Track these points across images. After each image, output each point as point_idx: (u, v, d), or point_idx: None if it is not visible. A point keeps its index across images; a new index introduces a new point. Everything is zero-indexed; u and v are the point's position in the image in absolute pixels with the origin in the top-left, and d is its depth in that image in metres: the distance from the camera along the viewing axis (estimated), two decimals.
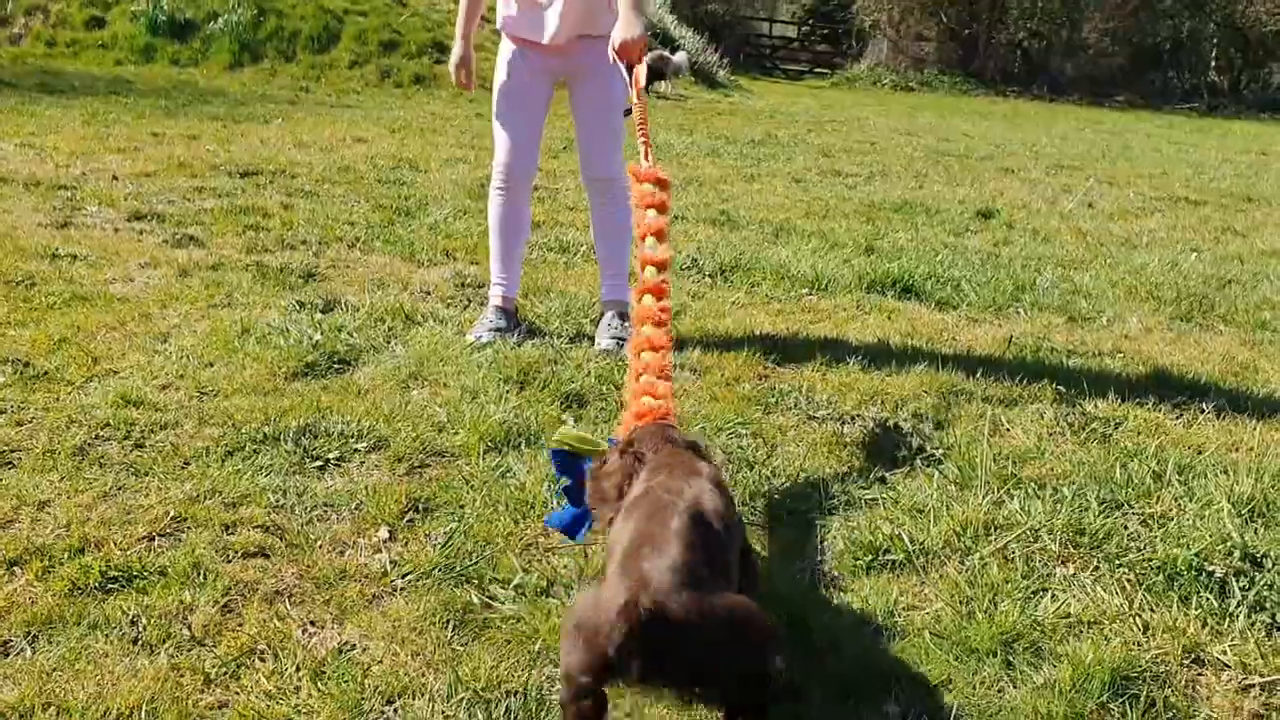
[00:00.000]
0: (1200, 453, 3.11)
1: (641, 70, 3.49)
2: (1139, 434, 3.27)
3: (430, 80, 14.42)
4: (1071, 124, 18.36)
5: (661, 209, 2.87)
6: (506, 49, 3.88)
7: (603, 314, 4.03)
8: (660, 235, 2.80)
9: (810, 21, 32.62)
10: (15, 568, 2.20)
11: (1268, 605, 2.26)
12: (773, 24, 31.62)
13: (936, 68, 27.96)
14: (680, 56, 17.26)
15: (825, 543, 2.48)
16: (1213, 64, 29.64)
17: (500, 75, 3.88)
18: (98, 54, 14.38)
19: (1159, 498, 2.76)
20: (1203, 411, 3.46)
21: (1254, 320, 4.82)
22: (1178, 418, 3.44)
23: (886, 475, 2.89)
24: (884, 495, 2.76)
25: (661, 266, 2.72)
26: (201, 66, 14.32)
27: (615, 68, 3.69)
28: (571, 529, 2.26)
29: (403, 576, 2.26)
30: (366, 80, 14.23)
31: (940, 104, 22.15)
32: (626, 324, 3.89)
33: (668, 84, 17.03)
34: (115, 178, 6.37)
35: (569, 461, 2.27)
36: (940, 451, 3.05)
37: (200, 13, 15.06)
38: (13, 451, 2.68)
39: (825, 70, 29.46)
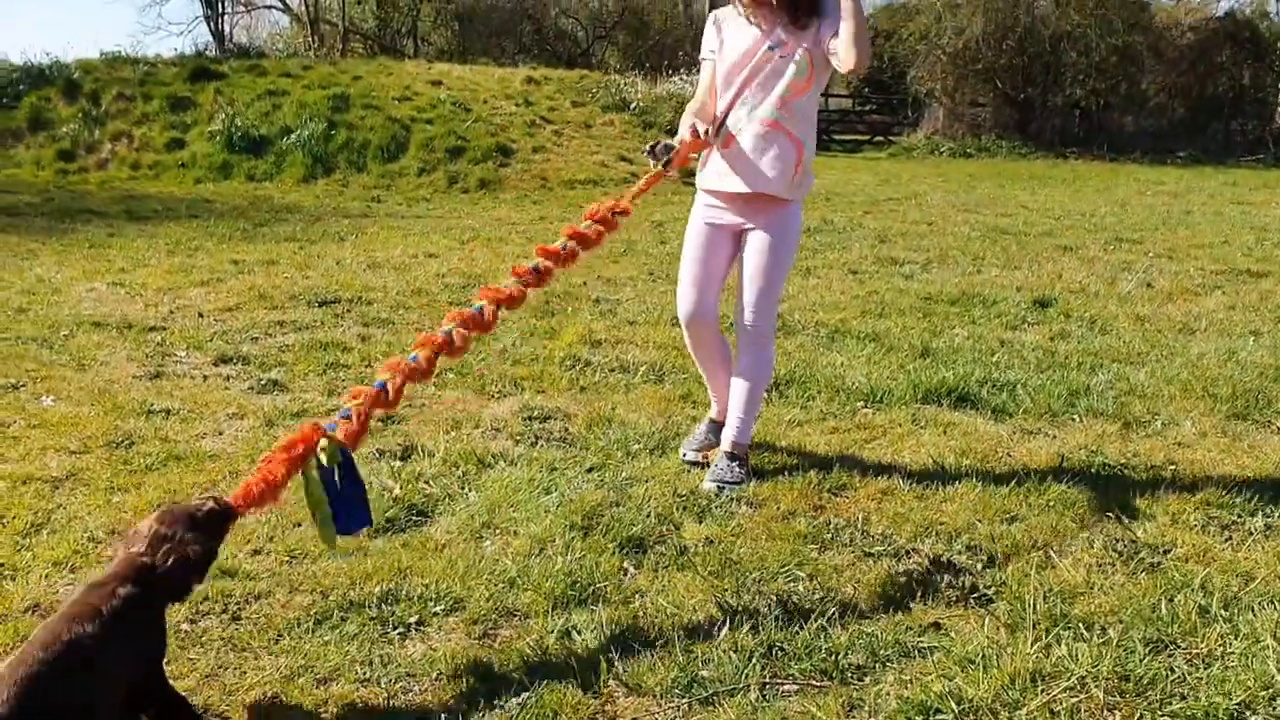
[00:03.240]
0: (1249, 581, 3.18)
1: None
2: (1187, 560, 3.34)
3: (495, 184, 14.90)
4: (1133, 187, 18.29)
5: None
6: (698, 201, 4.16)
7: (720, 453, 4.15)
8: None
9: (866, 91, 32.91)
10: None
11: None
12: (829, 98, 31.96)
13: (994, 132, 27.96)
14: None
15: (879, 700, 2.60)
16: (1278, 111, 29.28)
17: (689, 225, 4.17)
18: (178, 174, 15.13)
19: (1204, 636, 2.85)
20: (1252, 533, 3.53)
21: None
22: (1226, 540, 3.51)
23: (940, 620, 3.01)
24: (936, 643, 2.88)
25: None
26: (276, 181, 14.98)
27: (787, 232, 3.98)
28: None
29: None
30: (435, 186, 14.75)
31: (999, 170, 22.19)
32: (735, 466, 4.06)
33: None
34: (201, 315, 6.75)
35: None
36: (992, 590, 3.17)
37: (274, 128, 15.79)
38: None
39: (882, 139, 29.63)
